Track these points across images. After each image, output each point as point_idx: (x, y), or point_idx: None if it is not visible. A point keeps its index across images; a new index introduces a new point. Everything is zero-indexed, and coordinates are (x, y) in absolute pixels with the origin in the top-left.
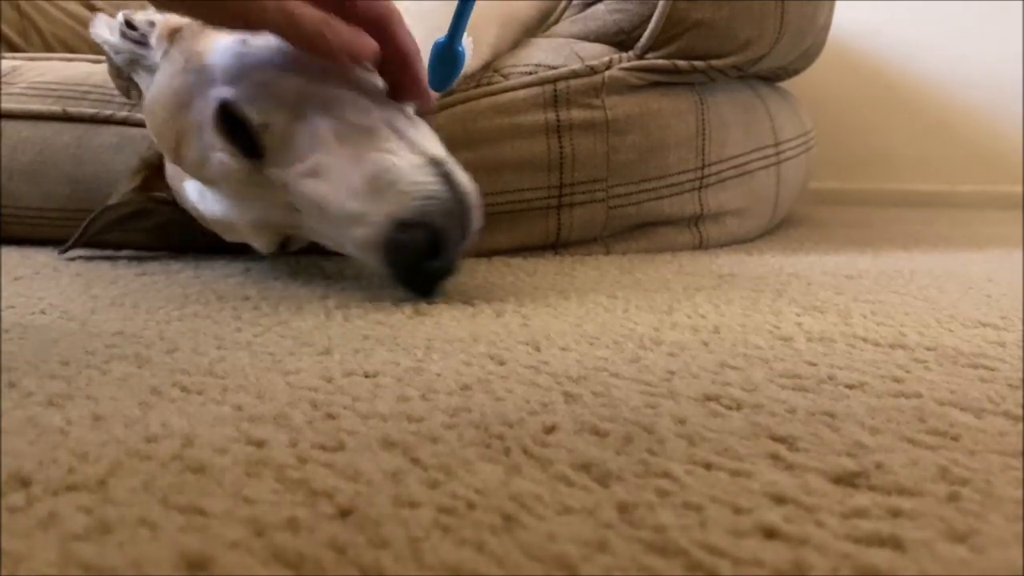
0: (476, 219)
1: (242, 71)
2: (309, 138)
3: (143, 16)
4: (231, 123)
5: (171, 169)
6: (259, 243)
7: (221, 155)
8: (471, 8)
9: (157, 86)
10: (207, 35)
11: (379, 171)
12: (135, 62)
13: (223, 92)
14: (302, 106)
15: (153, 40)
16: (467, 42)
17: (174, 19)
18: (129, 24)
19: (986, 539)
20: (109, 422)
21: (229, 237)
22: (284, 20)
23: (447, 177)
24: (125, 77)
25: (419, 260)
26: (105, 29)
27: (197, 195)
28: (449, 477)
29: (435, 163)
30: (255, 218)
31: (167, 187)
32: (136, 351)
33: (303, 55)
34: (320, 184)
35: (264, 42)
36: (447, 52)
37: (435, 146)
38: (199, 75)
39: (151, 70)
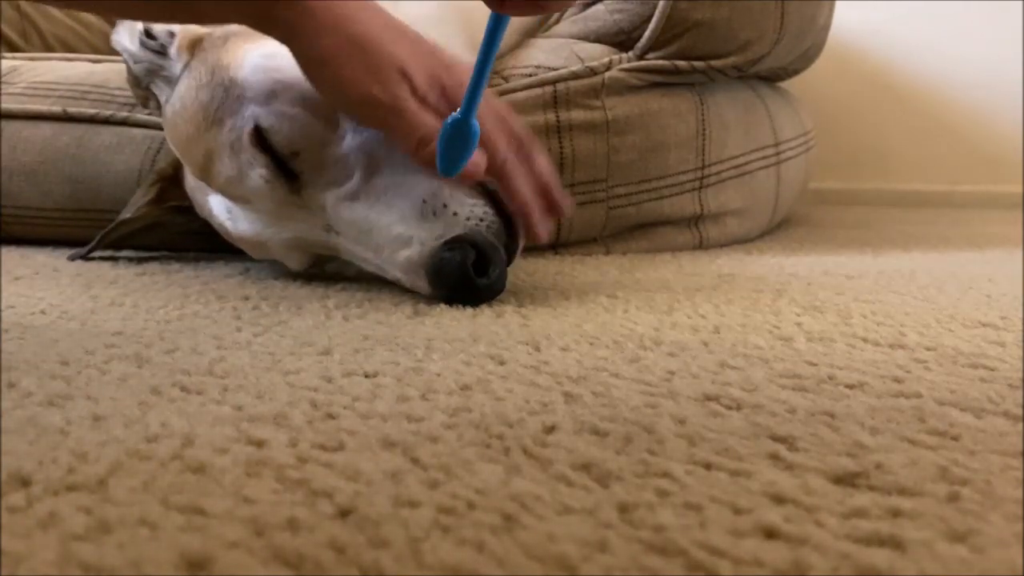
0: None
1: (274, 90)
2: (346, 160)
3: (163, 26)
4: (267, 142)
5: (193, 182)
6: (291, 262)
7: (260, 171)
8: (486, 81)
9: (180, 100)
10: (232, 47)
11: (427, 195)
12: (154, 72)
13: (256, 113)
14: (337, 126)
15: (172, 51)
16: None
17: (194, 30)
18: (148, 34)
19: (986, 539)
20: (109, 422)
21: (257, 255)
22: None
23: (492, 194)
24: (143, 87)
25: (466, 279)
26: (126, 37)
27: (225, 212)
28: (449, 477)
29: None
30: (289, 238)
31: (183, 196)
32: (136, 351)
33: None
34: (362, 207)
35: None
36: (461, 130)
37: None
38: (228, 91)
39: (170, 81)
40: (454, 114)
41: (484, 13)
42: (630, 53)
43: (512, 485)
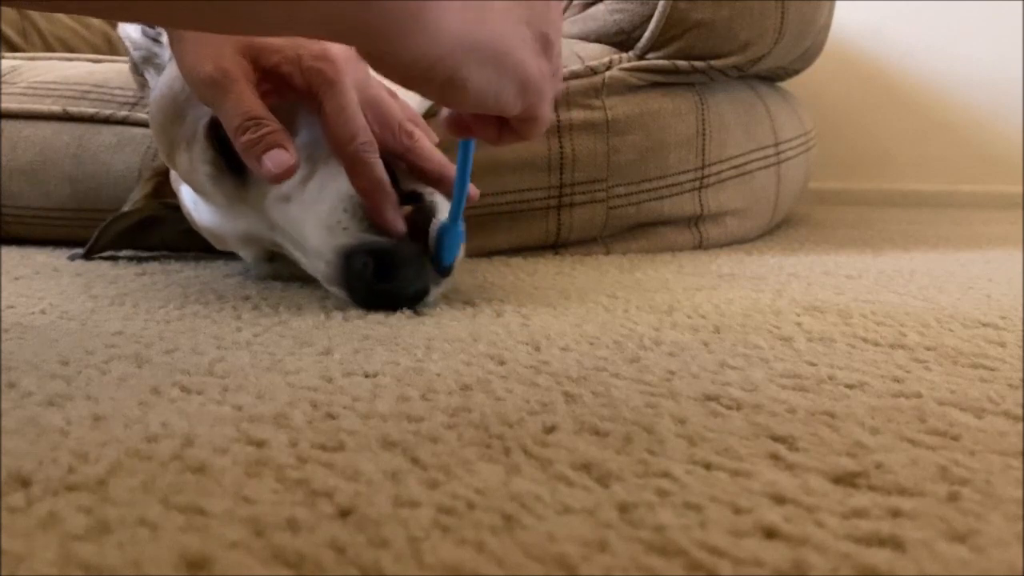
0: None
1: None
2: None
3: None
4: (221, 138)
5: (173, 172)
6: (246, 255)
7: (206, 168)
8: (466, 192)
9: (159, 88)
10: None
11: (333, 207)
12: (148, 60)
13: None
14: (292, 121)
15: (164, 39)
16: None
17: None
18: None
19: (986, 539)
20: (109, 422)
21: (219, 246)
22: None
23: (418, 200)
24: (140, 74)
25: (369, 287)
26: (131, 25)
27: (191, 202)
28: (449, 477)
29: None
30: (242, 231)
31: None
32: (136, 351)
33: None
34: (294, 209)
35: None
36: (451, 233)
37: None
38: None
39: (160, 69)
40: (444, 220)
41: None
42: (630, 53)
43: (512, 485)
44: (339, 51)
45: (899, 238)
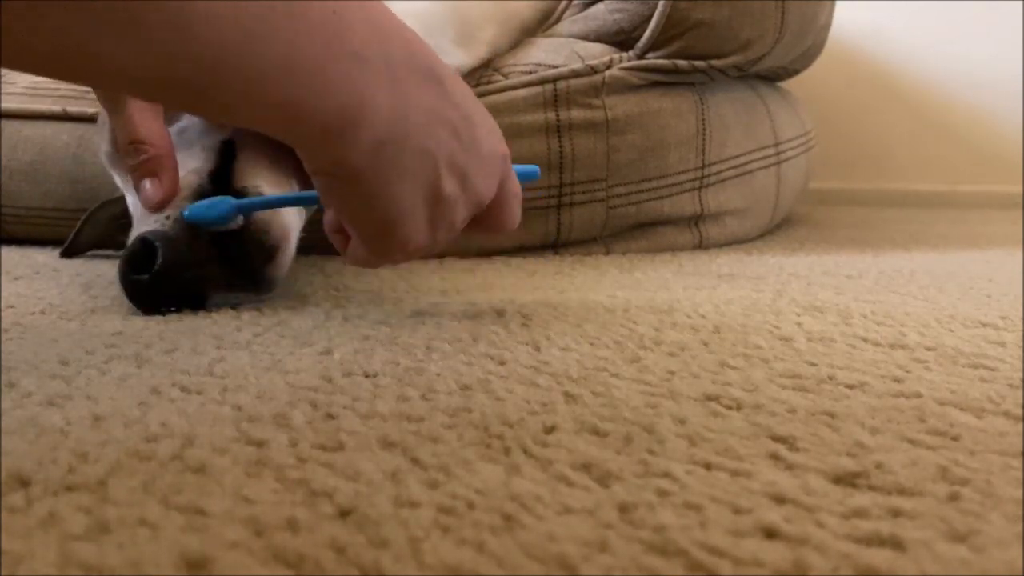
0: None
1: None
2: None
3: None
4: None
5: None
6: None
7: (106, 147)
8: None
9: None
10: None
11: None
12: None
13: None
14: (177, 116)
15: None
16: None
17: None
18: None
19: (986, 539)
20: (109, 422)
21: None
22: None
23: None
24: None
25: (125, 273)
26: None
27: None
28: (449, 477)
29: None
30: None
31: None
32: (136, 351)
33: None
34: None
35: None
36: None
37: (252, 176)
38: None
39: None
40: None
41: (479, 13)
42: (630, 52)
43: (512, 485)
44: None
45: (899, 238)
